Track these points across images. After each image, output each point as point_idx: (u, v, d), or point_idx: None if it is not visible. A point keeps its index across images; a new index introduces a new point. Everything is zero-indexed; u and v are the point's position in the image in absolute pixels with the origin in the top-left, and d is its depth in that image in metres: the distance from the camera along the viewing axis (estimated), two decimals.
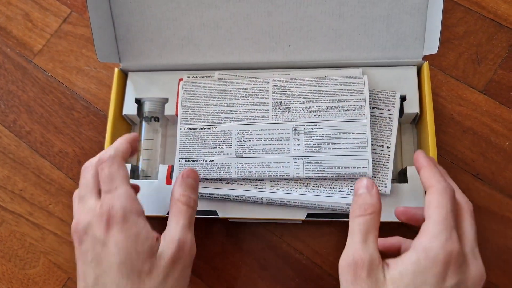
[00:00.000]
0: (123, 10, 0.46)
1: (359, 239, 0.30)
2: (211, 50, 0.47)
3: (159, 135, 0.49)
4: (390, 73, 0.46)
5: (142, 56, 0.48)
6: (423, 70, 0.44)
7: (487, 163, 0.47)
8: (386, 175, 0.42)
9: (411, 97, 0.44)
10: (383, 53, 0.45)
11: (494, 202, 0.46)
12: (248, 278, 0.46)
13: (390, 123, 0.43)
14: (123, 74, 0.49)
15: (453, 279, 0.28)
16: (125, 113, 0.48)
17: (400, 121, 0.46)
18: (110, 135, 0.46)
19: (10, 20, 0.58)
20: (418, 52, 0.45)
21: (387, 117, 0.44)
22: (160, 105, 0.49)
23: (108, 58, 0.47)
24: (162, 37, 0.47)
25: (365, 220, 0.30)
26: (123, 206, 0.31)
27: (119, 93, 0.48)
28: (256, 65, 0.47)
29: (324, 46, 0.46)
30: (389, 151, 0.43)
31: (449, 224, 0.29)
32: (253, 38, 0.46)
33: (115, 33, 0.47)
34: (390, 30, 0.44)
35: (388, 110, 0.44)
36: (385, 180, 0.42)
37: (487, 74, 0.50)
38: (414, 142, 0.47)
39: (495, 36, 0.51)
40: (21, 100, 0.55)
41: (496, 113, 0.48)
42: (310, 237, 0.47)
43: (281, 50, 0.46)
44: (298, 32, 0.45)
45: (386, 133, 0.43)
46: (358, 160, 0.41)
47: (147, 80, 0.49)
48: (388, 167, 0.42)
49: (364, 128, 0.42)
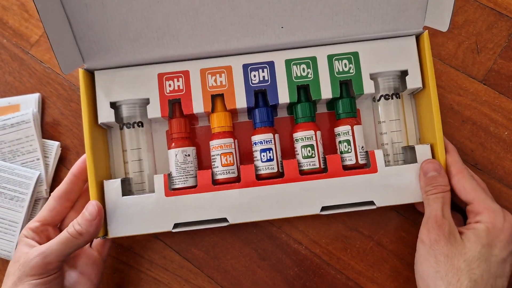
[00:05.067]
0: (79, 6, 0.39)
1: (439, 210, 0.39)
2: (192, 39, 0.42)
3: (145, 141, 0.45)
4: (388, 46, 0.43)
5: (110, 53, 0.42)
6: (423, 40, 0.42)
7: (486, 153, 0.47)
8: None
9: (413, 70, 0.43)
10: (382, 26, 0.43)
11: (493, 191, 0.46)
12: (247, 268, 0.47)
13: None
14: (90, 75, 0.43)
15: (511, 246, 0.37)
16: (101, 122, 0.43)
17: (401, 94, 0.45)
18: (89, 147, 0.41)
19: (6, 10, 0.58)
20: (419, 23, 0.42)
21: None
22: (140, 107, 0.44)
23: (72, 65, 0.41)
24: (132, 30, 0.41)
25: (442, 196, 0.39)
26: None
27: (89, 98, 0.42)
28: (245, 50, 0.43)
29: (319, 25, 0.42)
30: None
31: (494, 202, 0.39)
32: (240, 22, 0.41)
33: (73, 33, 0.41)
34: (391, 1, 0.41)
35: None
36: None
37: (486, 64, 0.50)
38: (413, 115, 0.46)
39: (495, 25, 0.51)
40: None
41: (496, 103, 0.48)
42: (309, 227, 0.47)
43: (272, 33, 0.42)
44: (290, 12, 0.41)
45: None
46: None
47: (121, 79, 0.43)
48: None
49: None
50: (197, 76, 0.44)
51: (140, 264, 0.48)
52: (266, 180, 0.42)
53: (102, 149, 0.45)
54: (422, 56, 0.43)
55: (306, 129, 0.43)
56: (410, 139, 0.45)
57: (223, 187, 0.42)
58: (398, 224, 0.46)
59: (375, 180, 0.42)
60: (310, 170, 0.43)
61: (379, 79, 0.44)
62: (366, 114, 0.46)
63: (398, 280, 0.45)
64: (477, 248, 0.36)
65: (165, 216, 0.42)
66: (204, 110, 0.44)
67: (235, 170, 0.43)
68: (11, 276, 0.38)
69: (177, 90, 0.44)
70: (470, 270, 0.36)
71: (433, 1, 0.41)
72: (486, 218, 0.38)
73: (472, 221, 0.39)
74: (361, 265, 0.46)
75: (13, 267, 0.39)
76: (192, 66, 0.44)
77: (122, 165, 0.45)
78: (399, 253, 0.46)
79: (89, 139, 0.41)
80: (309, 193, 0.42)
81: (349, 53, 0.43)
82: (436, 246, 0.37)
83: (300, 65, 0.44)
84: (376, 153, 0.42)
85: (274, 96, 0.43)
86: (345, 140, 0.43)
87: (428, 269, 0.37)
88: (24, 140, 0.50)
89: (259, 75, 0.44)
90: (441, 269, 0.36)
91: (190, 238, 0.48)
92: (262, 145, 0.43)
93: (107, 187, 0.42)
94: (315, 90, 0.43)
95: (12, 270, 0.38)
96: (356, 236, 0.46)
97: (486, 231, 0.37)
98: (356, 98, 0.45)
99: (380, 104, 0.45)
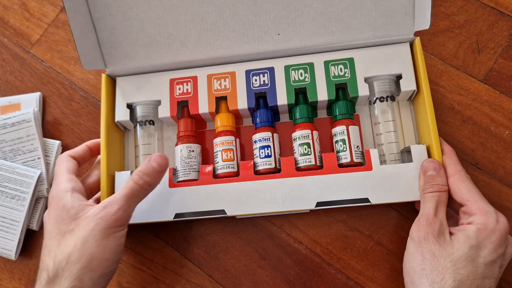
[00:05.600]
0: (104, 13, 0.45)
1: (432, 209, 0.39)
2: (199, 46, 0.46)
3: (155, 139, 0.48)
4: (383, 52, 0.45)
5: (128, 58, 0.47)
6: (415, 46, 0.44)
7: (487, 153, 0.47)
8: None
9: (407, 74, 0.44)
10: (374, 32, 0.45)
11: (493, 191, 0.46)
12: (247, 267, 0.47)
13: None
14: (111, 80, 0.48)
15: (502, 248, 0.37)
16: (117, 120, 0.47)
17: (398, 99, 0.46)
18: (105, 144, 0.45)
19: (7, 9, 0.58)
20: (409, 29, 0.44)
21: None
22: (152, 108, 0.48)
23: (93, 65, 0.45)
24: (147, 36, 0.46)
25: (438, 195, 0.39)
26: (52, 191, 0.41)
27: (109, 99, 0.47)
28: (246, 57, 0.47)
29: (313, 31, 0.45)
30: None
31: (488, 204, 0.38)
32: (240, 29, 0.45)
33: (97, 38, 0.46)
34: (379, 8, 0.44)
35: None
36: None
37: (487, 63, 0.50)
38: (412, 119, 0.47)
39: (496, 25, 0.50)
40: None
41: (496, 103, 0.48)
42: (310, 227, 0.47)
43: (270, 39, 0.45)
44: (285, 19, 0.44)
45: None
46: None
47: (137, 83, 0.48)
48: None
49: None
50: (204, 80, 0.47)
51: (141, 263, 0.48)
52: (264, 175, 0.44)
53: (118, 146, 0.48)
54: (415, 61, 0.44)
55: (303, 128, 0.45)
56: (409, 143, 0.46)
57: (223, 180, 0.44)
58: (398, 224, 0.46)
59: (370, 178, 0.42)
60: (306, 166, 0.44)
61: (374, 83, 0.46)
62: (365, 120, 0.48)
63: (398, 280, 0.45)
64: (464, 249, 0.36)
65: (167, 206, 0.44)
66: (209, 110, 0.46)
67: (235, 166, 0.45)
68: (85, 225, 0.37)
69: (186, 93, 0.47)
70: (456, 270, 0.36)
71: (419, 5, 0.43)
72: (479, 219, 0.37)
73: (465, 222, 0.38)
74: (361, 265, 0.46)
75: (88, 219, 0.38)
76: (201, 72, 0.47)
77: (134, 159, 0.48)
78: (399, 252, 0.46)
79: (105, 135, 0.45)
80: (305, 189, 0.43)
81: (344, 59, 0.46)
82: (425, 244, 0.37)
83: (298, 70, 0.46)
84: (372, 152, 0.43)
85: (273, 98, 0.46)
86: (341, 140, 0.44)
87: (415, 266, 0.38)
88: (25, 139, 0.50)
89: (260, 79, 0.46)
90: (426, 266, 0.37)
91: (191, 237, 0.48)
92: (261, 142, 0.45)
93: (118, 178, 0.45)
94: (312, 93, 0.45)
95: (84, 223, 0.38)
96: (356, 236, 0.46)
97: (477, 232, 0.37)
98: (354, 102, 0.47)
99: (376, 106, 0.46)
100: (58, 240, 0.38)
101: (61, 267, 0.36)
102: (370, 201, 0.42)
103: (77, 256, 0.36)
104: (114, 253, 0.38)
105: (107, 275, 0.38)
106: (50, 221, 0.39)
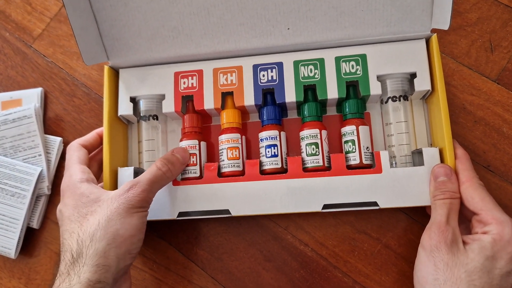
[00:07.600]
0: (104, 4, 0.43)
1: (444, 216, 0.37)
2: (204, 39, 0.44)
3: (159, 133, 0.47)
4: (397, 49, 0.43)
5: (131, 51, 0.45)
6: (431, 43, 0.42)
7: (499, 155, 0.46)
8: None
9: (421, 73, 0.42)
10: (388, 28, 0.43)
11: (505, 194, 0.45)
12: (252, 269, 0.46)
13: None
14: (114, 71, 0.47)
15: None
16: (120, 114, 0.46)
17: (411, 97, 0.44)
18: (107, 139, 0.44)
19: (8, 3, 0.57)
20: (426, 25, 0.42)
21: None
22: (156, 102, 0.47)
23: (95, 59, 0.44)
24: (150, 29, 0.44)
25: (450, 202, 0.38)
26: (65, 182, 0.41)
27: (112, 92, 0.46)
28: (253, 51, 0.45)
29: (325, 26, 0.43)
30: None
31: (503, 213, 0.37)
32: (248, 23, 0.43)
33: (99, 29, 0.44)
34: (395, 3, 0.42)
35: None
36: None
37: (500, 63, 0.48)
38: (425, 118, 0.45)
39: (510, 23, 0.49)
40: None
41: (509, 103, 0.47)
42: (316, 229, 0.46)
43: (279, 34, 0.44)
44: (296, 13, 0.43)
45: None
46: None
47: (140, 76, 0.46)
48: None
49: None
50: (209, 74, 0.46)
51: (143, 264, 0.47)
52: (270, 175, 0.43)
53: (121, 141, 0.47)
54: (431, 59, 0.43)
55: (312, 128, 0.44)
56: (421, 145, 0.44)
57: (228, 179, 0.43)
58: (407, 227, 0.45)
59: (379, 181, 0.41)
60: (314, 167, 0.43)
61: (387, 81, 0.44)
62: (376, 118, 0.46)
63: (406, 284, 0.44)
64: (480, 259, 0.35)
65: (170, 204, 0.43)
66: (214, 106, 0.45)
67: (240, 164, 0.44)
68: (108, 205, 0.38)
69: (191, 87, 0.46)
70: (471, 281, 0.34)
71: (438, 3, 0.41)
72: (494, 229, 0.36)
73: (479, 231, 0.37)
74: (368, 268, 0.45)
75: (111, 199, 0.38)
76: (206, 66, 0.46)
77: (137, 155, 0.47)
78: (407, 256, 0.45)
79: (108, 129, 0.44)
80: (312, 190, 0.41)
81: (357, 55, 0.44)
82: (437, 253, 0.36)
83: (307, 66, 0.44)
84: (382, 154, 0.42)
85: (281, 95, 0.44)
86: (350, 140, 0.43)
87: (427, 276, 0.36)
88: (26, 136, 0.50)
89: (268, 75, 0.45)
90: (440, 276, 0.35)
91: (194, 238, 0.47)
92: (268, 141, 0.44)
93: (121, 174, 0.44)
94: (322, 90, 0.44)
95: (107, 203, 0.38)
96: (363, 239, 0.45)
97: (492, 243, 0.35)
98: (365, 100, 0.45)
99: (388, 106, 0.44)
100: (80, 222, 0.38)
101: (85, 245, 0.36)
102: (378, 205, 0.41)
103: (102, 233, 0.36)
104: (138, 230, 0.38)
105: (132, 252, 0.38)
106: (67, 207, 0.39)
